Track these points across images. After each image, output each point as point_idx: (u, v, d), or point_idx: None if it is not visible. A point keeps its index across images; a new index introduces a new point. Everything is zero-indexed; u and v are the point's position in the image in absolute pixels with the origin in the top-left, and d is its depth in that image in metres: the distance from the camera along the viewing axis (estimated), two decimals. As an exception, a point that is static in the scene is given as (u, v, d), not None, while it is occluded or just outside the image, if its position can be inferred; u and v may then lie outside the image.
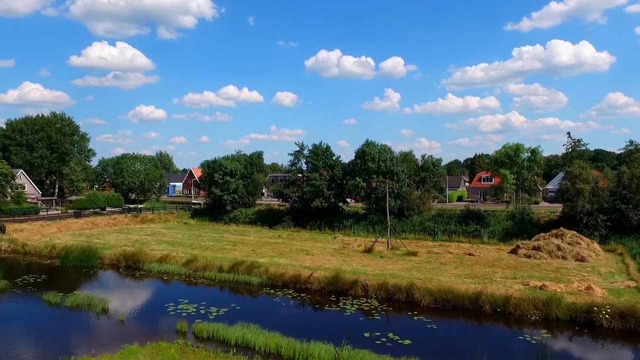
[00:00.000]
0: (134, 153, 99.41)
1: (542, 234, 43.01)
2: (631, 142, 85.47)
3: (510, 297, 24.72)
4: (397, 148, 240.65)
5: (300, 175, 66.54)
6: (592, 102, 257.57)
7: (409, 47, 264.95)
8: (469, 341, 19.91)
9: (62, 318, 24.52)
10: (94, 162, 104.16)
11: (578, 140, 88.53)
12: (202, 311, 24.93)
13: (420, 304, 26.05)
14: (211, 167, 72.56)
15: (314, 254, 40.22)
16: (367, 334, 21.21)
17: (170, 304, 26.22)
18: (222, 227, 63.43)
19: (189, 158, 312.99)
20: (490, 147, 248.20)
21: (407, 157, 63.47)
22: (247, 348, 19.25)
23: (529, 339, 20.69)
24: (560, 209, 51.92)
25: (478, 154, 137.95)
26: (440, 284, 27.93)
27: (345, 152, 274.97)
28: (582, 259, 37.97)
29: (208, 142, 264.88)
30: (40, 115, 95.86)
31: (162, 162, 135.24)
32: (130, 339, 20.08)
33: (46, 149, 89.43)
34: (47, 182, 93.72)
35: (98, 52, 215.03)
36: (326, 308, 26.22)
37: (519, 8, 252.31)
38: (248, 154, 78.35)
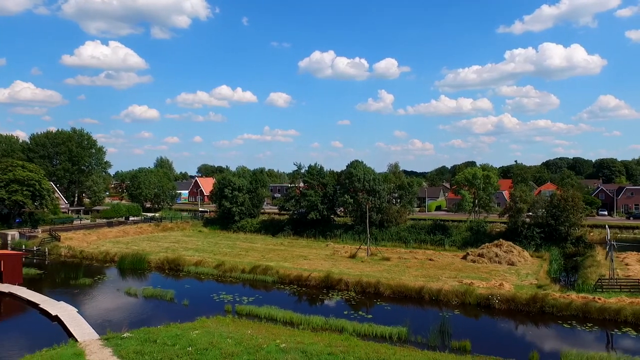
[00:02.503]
0: (149, 167, 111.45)
1: (486, 244, 55.55)
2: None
3: (441, 290, 37.22)
4: (391, 149, 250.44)
5: (298, 191, 78.82)
6: (583, 104, 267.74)
7: (403, 48, 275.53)
8: (406, 315, 32.22)
9: (146, 303, 36.67)
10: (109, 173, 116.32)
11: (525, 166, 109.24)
12: (237, 299, 37.23)
13: (383, 294, 38.50)
14: (221, 183, 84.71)
15: (311, 259, 52.42)
16: (345, 312, 33.63)
17: (213, 295, 38.49)
18: (232, 235, 75.43)
19: (183, 158, 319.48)
20: (483, 148, 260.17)
21: (387, 177, 76.06)
22: (272, 319, 31.51)
23: (445, 314, 33.16)
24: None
25: (459, 165, 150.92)
26: (399, 282, 40.28)
27: (339, 152, 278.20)
28: (512, 264, 50.51)
29: (201, 142, 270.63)
30: (61, 130, 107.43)
31: (162, 167, 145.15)
32: (197, 315, 32.04)
33: (68, 162, 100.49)
34: (62, 189, 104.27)
35: (91, 52, 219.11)
36: (320, 297, 38.59)
37: (512, 11, 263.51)
38: (252, 170, 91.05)
